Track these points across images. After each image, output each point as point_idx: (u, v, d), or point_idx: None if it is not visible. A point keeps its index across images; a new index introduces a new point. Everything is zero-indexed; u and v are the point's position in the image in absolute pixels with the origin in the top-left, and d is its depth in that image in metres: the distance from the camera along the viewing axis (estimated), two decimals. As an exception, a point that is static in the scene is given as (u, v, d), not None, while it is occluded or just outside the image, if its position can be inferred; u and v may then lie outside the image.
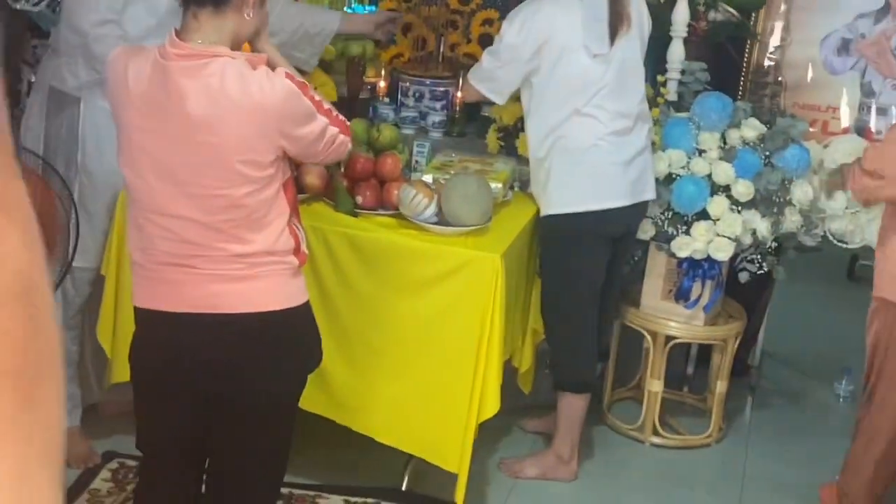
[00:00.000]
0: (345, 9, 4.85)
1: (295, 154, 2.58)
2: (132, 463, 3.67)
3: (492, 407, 3.38)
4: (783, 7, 4.67)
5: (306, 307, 2.67)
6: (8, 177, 0.43)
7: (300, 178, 3.57)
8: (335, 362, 3.42)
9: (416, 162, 4.03)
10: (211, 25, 2.48)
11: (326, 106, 2.59)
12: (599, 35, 3.59)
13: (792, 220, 4.02)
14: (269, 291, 2.56)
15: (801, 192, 4.00)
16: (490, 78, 3.76)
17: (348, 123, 2.70)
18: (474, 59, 4.67)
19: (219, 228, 2.50)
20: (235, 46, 2.54)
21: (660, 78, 4.29)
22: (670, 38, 4.31)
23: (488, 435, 3.84)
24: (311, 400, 3.47)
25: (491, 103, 4.06)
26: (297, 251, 2.60)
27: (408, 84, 4.58)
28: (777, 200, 3.96)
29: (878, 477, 3.54)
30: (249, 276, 2.53)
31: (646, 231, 4.02)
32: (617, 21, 3.62)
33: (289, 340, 2.63)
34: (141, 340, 2.69)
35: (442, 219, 3.46)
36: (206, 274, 2.53)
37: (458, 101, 4.51)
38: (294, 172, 2.76)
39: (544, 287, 3.88)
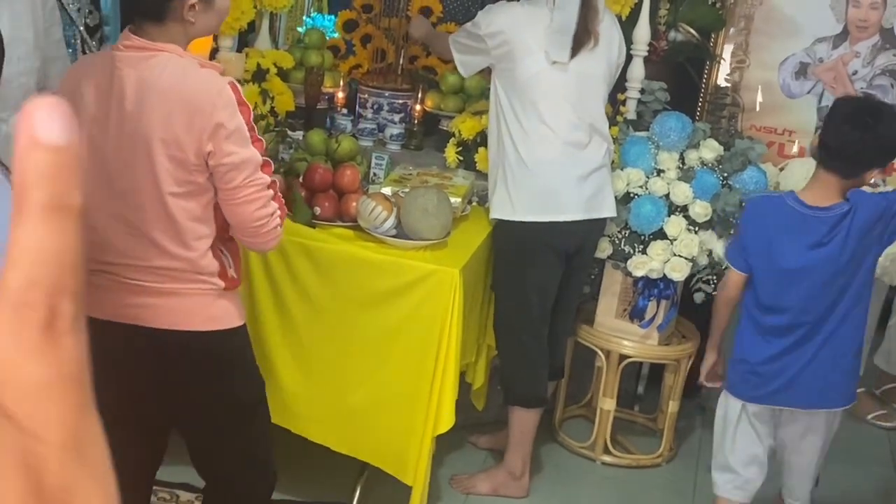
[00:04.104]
0: (304, 19, 4.81)
1: (217, 182, 2.47)
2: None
3: (447, 421, 3.36)
4: (742, 30, 4.70)
5: (235, 333, 2.62)
6: (83, 414, 0.41)
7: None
8: (291, 372, 3.40)
9: (375, 174, 4.00)
10: (156, 32, 2.46)
11: (265, 160, 2.49)
12: (562, 44, 3.61)
13: (748, 242, 4.03)
14: (191, 311, 2.53)
15: (758, 214, 4.01)
16: (464, 50, 3.80)
17: (286, 212, 2.58)
18: (434, 71, 4.68)
19: (143, 235, 2.46)
20: (185, 45, 2.51)
21: (620, 96, 4.30)
22: (631, 57, 4.32)
23: (440, 450, 3.81)
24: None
25: (450, 116, 4.06)
26: (222, 274, 2.55)
27: (366, 96, 4.55)
28: (734, 222, 3.97)
29: None
30: (172, 292, 2.50)
31: (603, 250, 4.01)
32: (583, 35, 3.64)
33: (211, 364, 2.59)
34: None
35: (401, 232, 3.43)
36: (130, 283, 2.50)
37: (416, 113, 4.49)
38: None
39: (496, 301, 3.87)
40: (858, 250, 3.14)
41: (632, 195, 3.98)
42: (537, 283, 3.78)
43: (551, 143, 3.66)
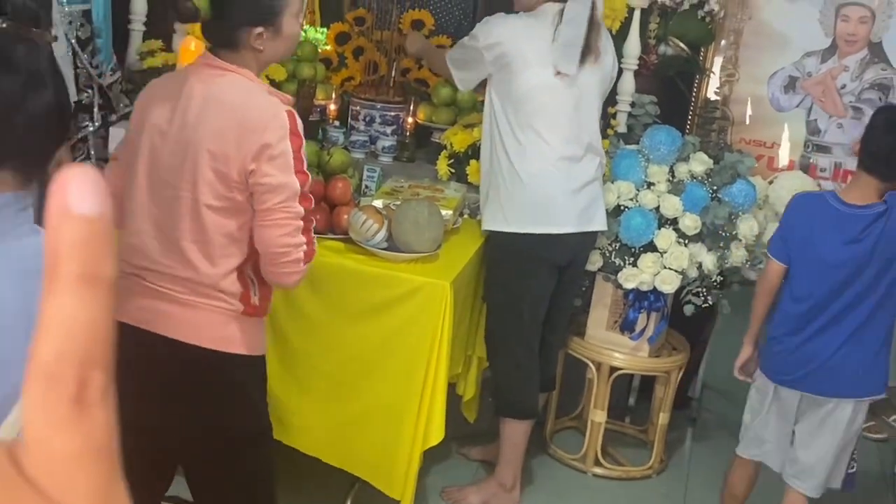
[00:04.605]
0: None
1: (253, 202, 2.49)
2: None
3: (437, 434, 3.37)
4: (732, 44, 4.72)
5: (245, 360, 2.59)
6: (111, 483, 0.42)
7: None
8: (282, 384, 3.40)
9: (366, 187, 4.01)
10: (230, 57, 2.54)
11: (306, 193, 2.50)
12: (570, 57, 3.62)
13: (737, 255, 4.05)
14: (202, 326, 2.53)
15: (747, 226, 4.04)
16: (461, 66, 3.81)
17: (315, 252, 2.57)
18: (426, 84, 4.69)
19: (174, 243, 2.50)
20: (258, 71, 2.59)
21: (610, 109, 4.32)
22: (621, 71, 4.34)
23: (431, 462, 3.82)
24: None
25: (442, 128, 4.07)
26: (244, 298, 2.56)
27: (358, 108, 4.57)
28: (723, 235, 3.99)
29: None
30: (188, 303, 2.52)
31: (593, 262, 4.03)
32: (587, 50, 3.66)
33: (212, 384, 2.57)
34: None
35: (392, 245, 3.44)
36: (150, 287, 2.53)
37: (408, 126, 4.51)
38: None
39: (488, 310, 3.88)
40: (889, 249, 3.33)
41: (622, 208, 4.00)
42: (530, 294, 3.79)
43: (546, 156, 3.67)
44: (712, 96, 4.74)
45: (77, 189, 0.39)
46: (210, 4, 2.48)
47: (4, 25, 1.30)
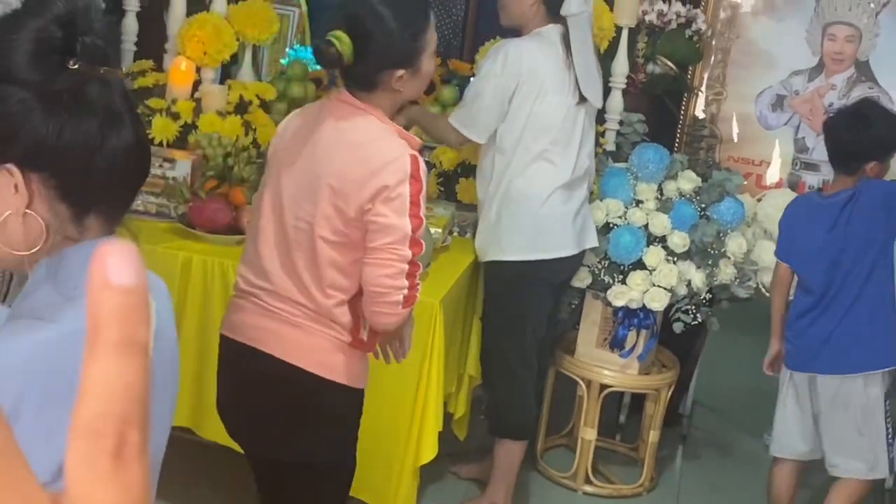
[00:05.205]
0: (287, 51, 4.84)
1: (366, 243, 2.51)
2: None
3: (429, 451, 3.37)
4: (720, 62, 4.75)
5: (342, 390, 2.62)
6: None
7: (239, 217, 3.55)
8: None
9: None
10: (365, 97, 2.55)
11: (417, 239, 2.52)
12: (597, 89, 3.64)
13: (726, 272, 4.07)
14: (307, 349, 2.58)
15: (736, 244, 4.06)
16: (473, 121, 3.69)
17: (416, 300, 2.59)
18: (415, 103, 4.69)
19: (292, 271, 2.55)
20: (390, 111, 2.61)
21: (599, 128, 4.34)
22: (609, 89, 4.37)
23: (422, 480, 3.81)
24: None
25: (431, 146, 4.08)
26: (353, 331, 2.59)
27: (348, 127, 4.57)
28: (712, 252, 4.01)
29: None
30: (296, 325, 2.57)
31: (582, 279, 4.04)
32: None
33: (310, 408, 2.62)
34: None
35: (382, 263, 3.44)
36: (263, 307, 2.60)
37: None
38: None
39: (487, 332, 3.88)
40: (862, 229, 3.57)
41: (611, 225, 4.01)
42: (531, 316, 3.80)
43: (553, 182, 3.68)
44: (700, 114, 4.77)
45: (115, 261, 0.42)
46: (353, 49, 2.47)
47: (76, 67, 1.29)
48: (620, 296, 4.00)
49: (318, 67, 4.76)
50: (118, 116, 1.33)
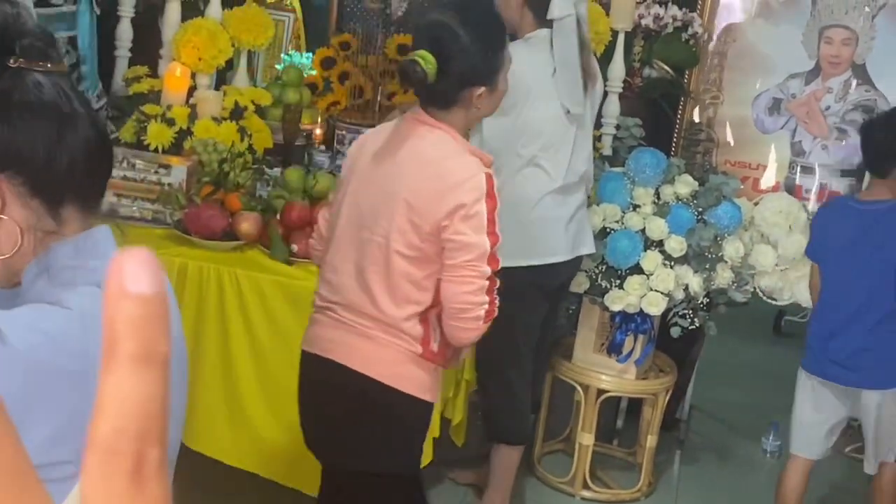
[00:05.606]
0: (282, 56, 4.84)
1: (443, 256, 2.59)
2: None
3: (426, 457, 3.35)
4: (716, 66, 4.75)
5: (413, 401, 2.69)
6: None
7: (234, 225, 3.54)
8: (265, 417, 3.39)
9: (352, 211, 4.00)
10: (440, 114, 2.63)
11: (494, 255, 2.60)
12: (577, 96, 3.60)
13: (723, 276, 4.06)
14: (379, 360, 2.66)
15: (733, 248, 4.05)
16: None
17: (495, 314, 2.68)
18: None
19: (364, 283, 2.63)
20: (463, 129, 2.70)
21: (595, 132, 4.33)
22: (606, 94, 4.36)
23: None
24: (236, 454, 3.42)
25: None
26: (424, 342, 2.66)
27: (344, 132, 4.57)
28: (709, 256, 4.00)
29: None
30: (369, 337, 2.65)
31: (579, 284, 4.03)
32: (586, 78, 3.65)
33: (380, 418, 2.69)
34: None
35: (378, 269, 3.43)
36: (337, 320, 2.69)
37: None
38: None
39: (481, 339, 3.86)
40: None
41: (608, 230, 4.00)
42: (524, 323, 3.78)
43: (545, 188, 3.66)
44: (697, 118, 4.76)
45: (133, 269, 0.41)
46: (437, 67, 2.54)
47: (17, 65, 1.31)
48: (618, 300, 3.99)
49: (314, 72, 4.77)
50: (70, 107, 1.35)
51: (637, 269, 3.98)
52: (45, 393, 1.21)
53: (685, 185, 4.06)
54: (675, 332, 4.12)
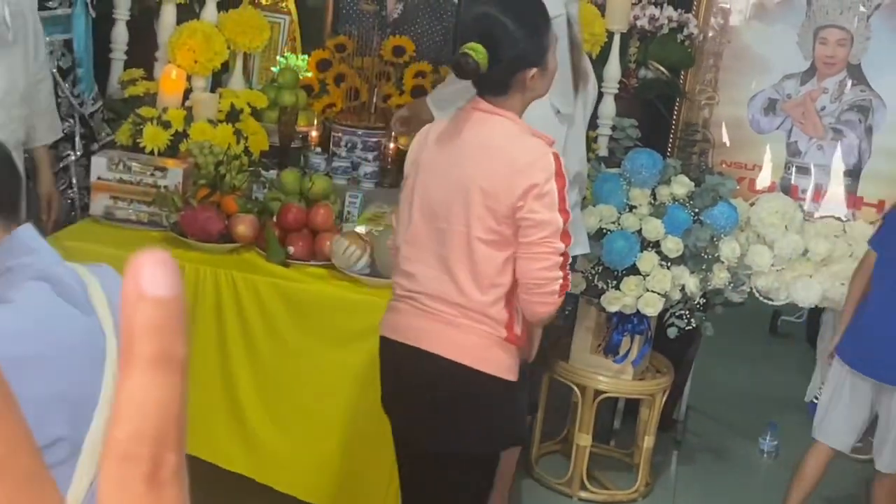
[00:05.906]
0: (277, 58, 4.83)
1: (518, 235, 2.65)
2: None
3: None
4: (712, 67, 4.75)
5: (499, 382, 2.77)
6: None
7: (231, 227, 3.54)
8: (261, 420, 3.38)
9: (349, 213, 4.00)
10: (498, 101, 2.71)
11: (566, 231, 2.68)
12: (566, 94, 3.60)
13: (720, 277, 4.06)
14: (467, 346, 2.73)
15: (729, 249, 4.05)
16: (448, 105, 3.72)
17: (568, 287, 2.76)
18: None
19: (448, 272, 2.70)
20: (521, 111, 2.76)
21: (591, 133, 4.33)
22: (602, 95, 4.36)
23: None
24: (232, 458, 3.41)
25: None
26: (508, 326, 2.73)
27: (340, 134, 4.56)
28: (706, 257, 4.00)
29: None
30: (455, 325, 2.72)
31: (576, 285, 4.03)
32: (577, 77, 3.64)
33: (470, 401, 2.77)
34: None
35: (375, 271, 3.44)
36: (422, 309, 2.76)
37: (390, 151, 4.51)
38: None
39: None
40: None
41: (604, 231, 4.00)
42: None
43: None
44: (692, 119, 4.77)
45: (150, 273, 0.40)
46: (488, 56, 2.61)
47: None
48: (614, 301, 3.99)
49: (310, 74, 4.77)
50: None
51: (633, 270, 3.98)
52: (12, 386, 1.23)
53: (681, 185, 4.06)
54: (671, 332, 4.12)
